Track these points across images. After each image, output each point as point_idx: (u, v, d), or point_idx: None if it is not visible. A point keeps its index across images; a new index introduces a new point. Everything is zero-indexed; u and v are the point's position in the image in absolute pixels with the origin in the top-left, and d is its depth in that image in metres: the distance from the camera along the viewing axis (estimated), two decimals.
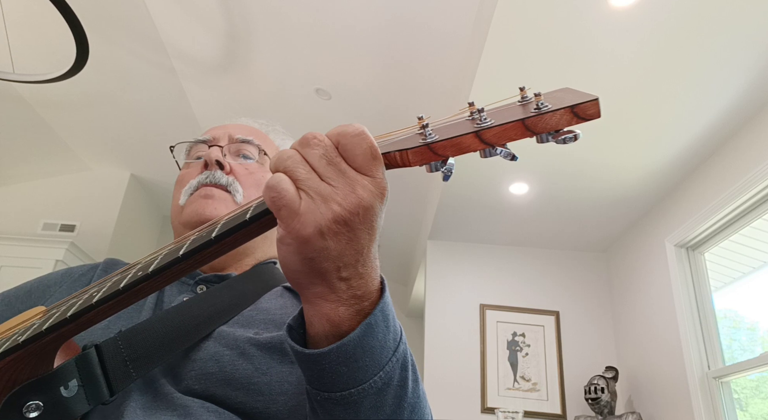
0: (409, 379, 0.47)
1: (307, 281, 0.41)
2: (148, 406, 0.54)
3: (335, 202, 0.38)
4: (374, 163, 0.40)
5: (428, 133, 0.40)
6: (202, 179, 0.74)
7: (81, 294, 0.51)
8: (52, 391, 0.48)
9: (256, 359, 0.58)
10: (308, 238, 0.39)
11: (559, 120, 0.38)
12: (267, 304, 0.67)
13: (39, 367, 0.50)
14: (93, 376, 0.51)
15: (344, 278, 0.41)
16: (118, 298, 0.47)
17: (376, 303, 0.43)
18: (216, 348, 0.59)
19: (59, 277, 0.75)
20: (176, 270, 0.45)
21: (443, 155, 0.40)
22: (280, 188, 0.39)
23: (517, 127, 0.39)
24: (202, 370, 0.57)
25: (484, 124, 0.39)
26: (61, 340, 0.50)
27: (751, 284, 2.84)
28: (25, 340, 0.48)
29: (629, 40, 2.23)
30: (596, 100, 0.38)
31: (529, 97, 0.41)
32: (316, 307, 0.42)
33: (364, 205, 0.39)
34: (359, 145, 0.39)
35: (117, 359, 0.53)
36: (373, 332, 0.43)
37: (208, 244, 0.44)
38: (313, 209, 0.38)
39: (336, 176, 0.39)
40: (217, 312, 0.62)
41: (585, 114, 0.38)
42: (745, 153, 2.62)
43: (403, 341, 0.47)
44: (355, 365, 0.42)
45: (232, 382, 0.56)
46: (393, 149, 0.41)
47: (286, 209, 0.39)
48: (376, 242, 0.42)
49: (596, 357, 3.69)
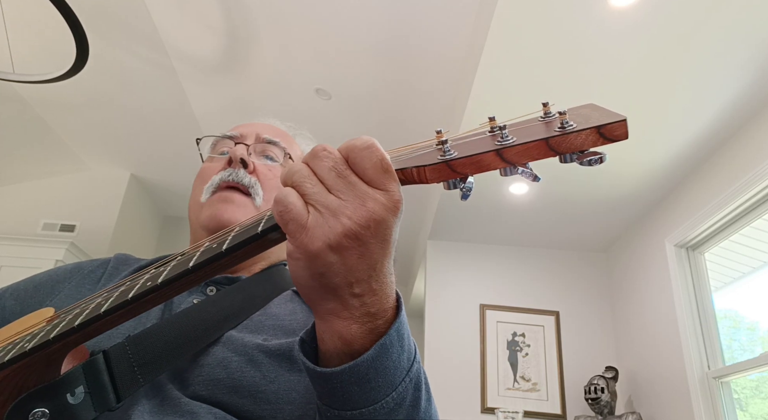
0: (422, 399, 0.47)
1: (319, 297, 0.41)
2: (155, 411, 0.54)
3: (345, 215, 0.38)
4: (385, 175, 0.39)
5: (447, 149, 0.39)
6: (225, 176, 0.73)
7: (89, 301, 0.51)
8: (59, 398, 0.48)
9: (264, 367, 0.57)
10: (317, 253, 0.38)
11: (585, 140, 0.37)
12: (276, 309, 0.66)
13: (46, 373, 0.49)
14: (100, 383, 0.51)
15: (357, 294, 0.40)
16: (126, 308, 0.46)
17: (391, 321, 0.42)
18: (224, 353, 0.58)
19: (68, 273, 0.74)
20: (185, 281, 0.45)
21: (462, 173, 0.39)
22: (287, 202, 0.38)
23: (540, 147, 0.37)
24: (210, 375, 0.56)
25: (505, 142, 0.38)
26: (68, 348, 0.49)
27: (751, 284, 2.84)
28: (32, 348, 0.48)
29: (628, 41, 2.23)
30: (624, 121, 0.36)
31: (552, 113, 0.39)
32: (328, 323, 0.42)
33: (376, 219, 0.38)
34: (369, 157, 0.38)
35: (125, 365, 0.53)
36: (387, 353, 0.42)
37: (218, 256, 0.43)
38: (321, 223, 0.38)
39: (346, 189, 0.38)
40: (226, 316, 0.61)
41: (612, 135, 0.36)
42: (744, 153, 2.62)
43: (417, 360, 0.47)
44: (368, 385, 0.42)
45: (240, 389, 0.55)
46: (410, 165, 0.40)
47: (293, 223, 0.38)
48: (391, 257, 0.41)
49: (596, 357, 3.69)
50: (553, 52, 2.33)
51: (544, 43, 2.29)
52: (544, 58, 2.36)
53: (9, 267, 3.55)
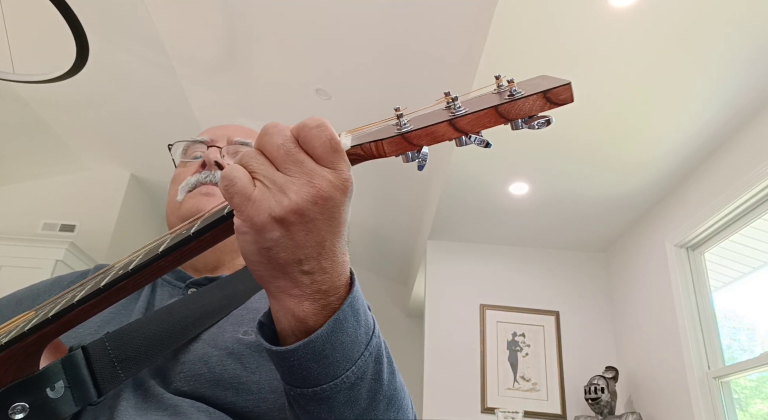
0: (384, 372, 0.47)
1: (268, 274, 0.41)
2: (139, 406, 0.54)
3: (291, 191, 0.38)
4: (335, 155, 0.39)
5: (403, 124, 0.40)
6: (201, 178, 0.74)
7: (65, 294, 0.51)
8: (38, 392, 0.48)
9: (244, 358, 0.58)
10: (262, 226, 0.38)
11: (532, 106, 0.38)
12: (257, 303, 0.67)
13: (24, 368, 0.49)
14: (80, 377, 0.51)
15: (306, 272, 0.40)
16: (99, 297, 0.46)
17: (344, 298, 0.43)
18: (204, 349, 0.59)
19: (49, 285, 0.75)
20: (157, 267, 0.45)
21: (418, 145, 0.40)
22: (232, 176, 0.39)
23: (490, 114, 0.39)
24: (191, 371, 0.57)
25: (457, 113, 0.39)
26: (45, 341, 0.49)
27: (751, 284, 2.84)
28: (8, 341, 0.48)
29: (628, 41, 2.23)
30: (568, 85, 0.37)
31: (504, 85, 0.40)
32: (280, 302, 0.42)
33: (323, 195, 0.38)
34: (318, 136, 0.39)
35: (104, 360, 0.53)
36: (342, 328, 0.42)
37: (187, 239, 0.44)
38: (267, 197, 0.38)
39: (294, 166, 0.39)
40: (206, 313, 0.62)
41: (558, 99, 0.38)
42: (745, 153, 2.62)
43: (376, 334, 0.47)
44: (326, 361, 0.42)
45: (221, 382, 0.56)
46: (368, 140, 0.41)
47: (238, 196, 0.38)
48: (343, 236, 0.42)
49: (596, 357, 3.69)
50: (552, 53, 2.33)
51: (543, 44, 2.29)
52: (543, 58, 2.36)
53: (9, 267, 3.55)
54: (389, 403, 0.48)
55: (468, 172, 3.21)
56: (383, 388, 0.47)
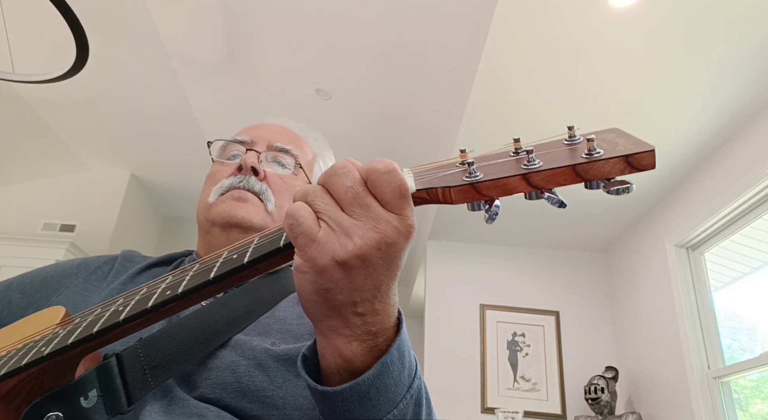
0: (422, 415, 0.47)
1: (321, 313, 0.41)
2: (164, 411, 0.54)
3: (357, 235, 0.38)
4: (402, 201, 0.39)
5: (472, 171, 0.39)
6: (235, 182, 0.73)
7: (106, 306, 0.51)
8: (72, 402, 0.48)
9: (272, 371, 0.57)
10: (324, 269, 0.38)
11: (612, 169, 0.37)
12: (284, 312, 0.67)
13: (61, 377, 0.49)
14: (113, 386, 0.51)
15: (359, 314, 0.40)
16: (145, 317, 0.46)
17: (391, 339, 0.43)
18: (232, 357, 0.58)
19: (75, 268, 0.74)
20: (205, 292, 0.45)
21: (487, 195, 0.39)
22: (297, 215, 0.39)
23: (568, 173, 0.37)
24: (218, 379, 0.56)
25: (532, 167, 0.37)
26: (84, 354, 0.50)
27: (751, 284, 2.84)
28: (49, 353, 0.48)
29: (628, 41, 2.23)
30: (652, 151, 0.36)
31: (578, 138, 0.39)
32: (329, 340, 0.42)
33: (387, 242, 0.38)
34: (389, 182, 0.39)
35: (136, 368, 0.53)
36: (388, 371, 0.42)
37: (240, 268, 0.43)
38: (332, 240, 0.38)
39: (360, 210, 0.38)
40: (234, 318, 0.61)
41: (640, 165, 0.36)
42: (745, 153, 2.62)
43: (418, 376, 0.47)
44: (369, 404, 0.42)
45: (248, 393, 0.56)
46: (436, 186, 0.40)
47: (303, 236, 0.38)
48: (397, 279, 0.42)
49: (596, 357, 3.69)
50: (552, 54, 2.33)
51: (543, 44, 2.29)
52: (543, 59, 2.36)
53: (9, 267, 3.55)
54: None
55: None
56: None
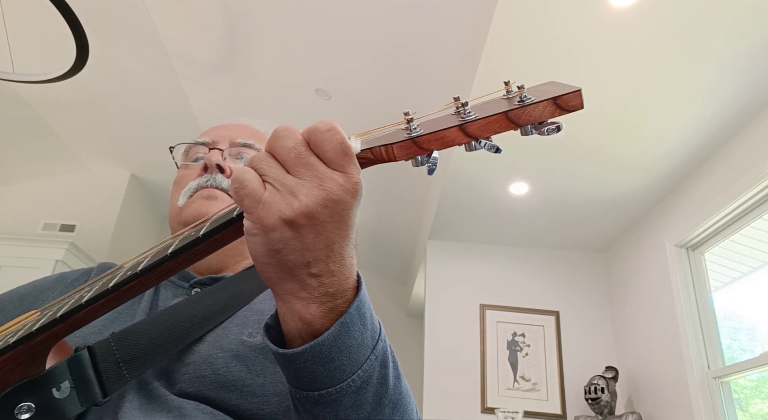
0: (389, 376, 0.47)
1: (277, 276, 0.41)
2: (144, 407, 0.54)
3: (302, 194, 0.38)
4: (345, 158, 0.40)
5: (413, 128, 0.40)
6: (203, 182, 0.74)
7: (72, 294, 0.51)
8: (44, 392, 0.48)
9: (249, 360, 0.58)
10: (272, 228, 0.39)
11: (542, 112, 0.39)
12: (261, 305, 0.67)
13: (31, 368, 0.49)
14: (85, 378, 0.51)
15: (315, 274, 0.41)
16: (108, 297, 0.46)
17: (351, 301, 0.43)
18: (209, 350, 0.58)
19: (52, 282, 0.74)
20: (165, 268, 0.45)
21: (428, 149, 0.40)
22: (242, 178, 0.39)
23: (501, 120, 0.39)
24: (196, 373, 0.57)
25: (467, 118, 0.40)
26: (52, 341, 0.49)
27: (751, 284, 2.84)
28: (16, 341, 0.48)
29: (628, 41, 2.23)
30: (579, 91, 0.38)
31: (514, 90, 0.41)
32: (287, 304, 0.42)
33: (333, 199, 0.39)
34: (329, 140, 0.39)
35: (110, 361, 0.53)
36: (348, 331, 0.42)
37: (196, 241, 0.44)
38: (277, 199, 0.39)
39: (305, 169, 0.39)
40: (211, 313, 0.62)
41: (568, 105, 0.38)
42: (745, 153, 2.62)
43: (382, 338, 0.47)
44: (332, 365, 0.42)
45: (226, 384, 0.56)
46: (378, 144, 0.41)
47: (249, 198, 0.39)
48: (351, 239, 0.42)
49: (596, 357, 3.69)
50: (552, 53, 2.33)
51: (543, 44, 2.29)
52: (543, 58, 2.36)
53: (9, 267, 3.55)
54: (394, 408, 0.48)
55: (468, 172, 3.21)
56: (389, 392, 0.47)
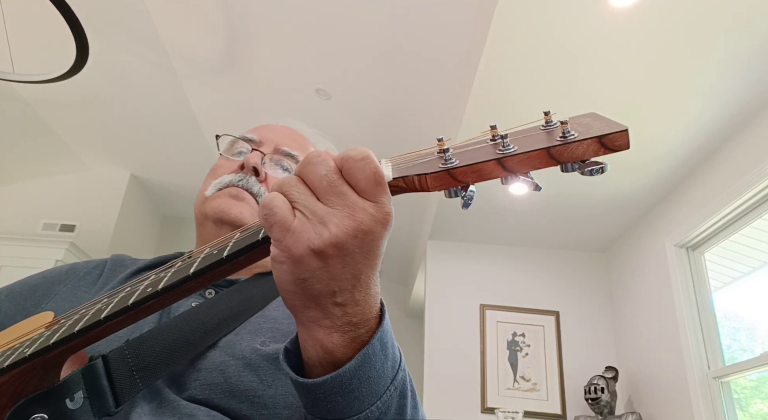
0: (407, 407, 0.47)
1: (301, 304, 0.40)
2: (154, 412, 0.54)
3: (332, 223, 0.37)
4: (378, 188, 0.38)
5: (448, 158, 0.39)
6: (235, 180, 0.73)
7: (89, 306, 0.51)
8: (58, 403, 0.48)
9: (261, 371, 0.57)
10: (300, 258, 0.38)
11: (586, 150, 0.37)
12: (275, 312, 0.66)
13: (45, 379, 0.49)
14: (99, 388, 0.50)
15: (339, 304, 0.40)
16: (126, 315, 0.46)
17: (374, 331, 0.42)
18: (221, 358, 0.58)
19: (64, 274, 0.73)
20: (187, 287, 0.45)
21: (463, 181, 0.39)
22: (272, 205, 0.38)
23: (542, 156, 0.38)
24: (207, 379, 0.56)
25: (507, 151, 0.38)
26: (68, 354, 0.49)
27: (751, 284, 2.84)
28: (32, 354, 0.48)
29: (628, 41, 2.23)
30: (626, 131, 0.36)
31: (554, 122, 0.39)
32: (309, 331, 0.42)
33: (363, 230, 0.38)
34: (363, 169, 0.38)
35: (124, 369, 0.52)
36: (370, 362, 0.42)
37: (219, 262, 0.43)
38: (307, 228, 0.37)
39: (336, 198, 0.38)
40: (224, 319, 0.61)
41: (613, 145, 0.36)
42: (745, 153, 2.62)
43: (402, 368, 0.47)
44: (352, 396, 0.42)
45: (237, 393, 0.55)
46: (412, 173, 0.40)
47: (277, 226, 0.38)
48: (377, 269, 0.41)
49: (596, 357, 3.69)
50: (552, 54, 2.33)
51: (543, 45, 2.29)
52: (543, 59, 2.36)
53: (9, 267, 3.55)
54: None
55: None
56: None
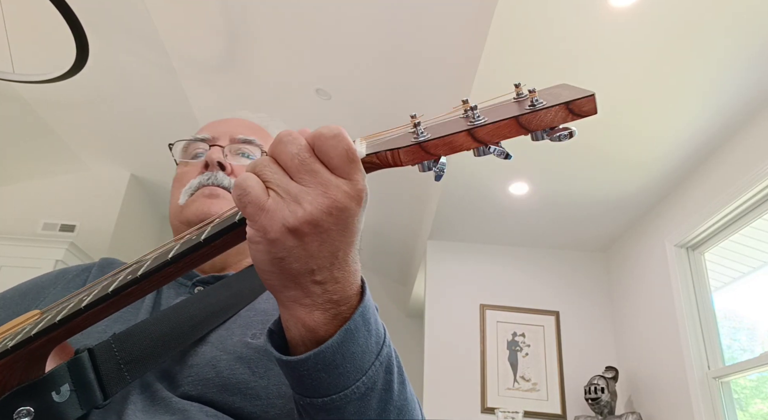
0: (394, 382, 0.47)
1: (280, 284, 0.41)
2: (147, 409, 0.53)
3: (306, 201, 0.37)
4: (351, 165, 0.38)
5: (420, 132, 0.39)
6: (204, 180, 0.72)
7: (72, 297, 0.51)
8: (44, 396, 0.47)
9: (253, 363, 0.57)
10: (276, 237, 0.38)
11: (554, 117, 0.37)
12: (264, 304, 0.66)
13: (30, 371, 0.49)
14: (86, 380, 0.50)
15: (318, 282, 0.40)
16: (107, 302, 0.46)
17: (355, 307, 0.42)
18: (213, 352, 0.58)
19: (53, 278, 0.74)
20: (166, 273, 0.45)
21: (435, 154, 0.39)
22: (245, 185, 0.38)
23: (511, 125, 0.38)
24: (199, 375, 0.56)
25: (477, 122, 0.38)
26: (51, 345, 0.49)
27: (751, 284, 2.84)
28: (14, 345, 0.48)
29: (628, 41, 2.23)
30: (592, 96, 0.36)
31: (524, 93, 0.39)
32: (290, 311, 0.42)
33: (338, 206, 0.38)
34: (335, 146, 0.38)
35: (110, 362, 0.52)
36: (353, 338, 0.42)
37: (197, 246, 0.43)
38: (281, 207, 0.38)
39: (309, 176, 0.38)
40: (213, 312, 0.61)
41: (581, 111, 0.37)
42: (745, 153, 2.62)
43: (387, 344, 0.47)
44: (336, 371, 0.42)
45: (229, 387, 0.55)
46: (384, 148, 0.40)
47: (251, 206, 0.38)
48: (355, 246, 0.41)
49: (596, 357, 3.69)
50: (552, 53, 2.33)
51: (543, 44, 2.29)
52: (543, 59, 2.36)
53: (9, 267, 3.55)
54: (400, 413, 0.48)
55: (468, 172, 3.21)
56: (393, 398, 0.47)
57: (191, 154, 0.79)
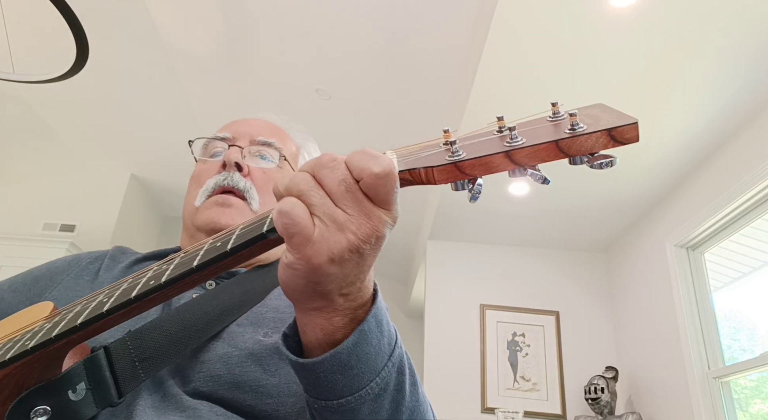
0: (406, 383, 0.47)
1: (307, 298, 0.41)
2: (157, 406, 0.53)
3: (350, 230, 0.37)
4: (394, 198, 0.39)
5: (455, 150, 0.38)
6: (220, 180, 0.72)
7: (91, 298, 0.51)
8: (60, 395, 0.48)
9: (264, 361, 0.57)
10: (319, 266, 0.38)
11: (595, 143, 0.36)
12: (276, 301, 0.66)
13: (47, 371, 0.49)
14: (101, 379, 0.50)
15: (344, 294, 0.41)
16: (129, 308, 0.46)
17: (368, 309, 0.43)
18: (224, 349, 0.58)
19: (66, 265, 0.74)
20: (189, 280, 0.45)
21: (471, 174, 0.38)
22: (294, 215, 0.37)
23: (551, 149, 0.37)
24: (210, 371, 0.56)
25: (515, 143, 0.37)
26: (70, 346, 0.49)
27: (751, 284, 2.84)
28: (34, 346, 0.48)
29: (628, 40, 2.23)
30: (635, 124, 0.35)
31: (562, 114, 0.38)
32: (311, 317, 0.42)
33: (378, 235, 0.39)
34: (384, 186, 0.38)
35: (126, 360, 0.52)
36: (366, 338, 0.42)
37: (223, 256, 0.43)
38: (327, 237, 0.37)
39: (352, 204, 0.38)
40: (226, 309, 0.61)
41: (623, 138, 0.36)
42: (745, 152, 2.62)
43: (399, 345, 0.47)
44: (351, 373, 0.42)
45: (241, 384, 0.55)
46: (419, 166, 0.39)
47: (299, 237, 0.37)
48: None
49: (596, 357, 3.69)
50: (552, 53, 2.33)
51: (543, 44, 2.29)
52: (543, 58, 2.36)
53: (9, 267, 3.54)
54: (411, 414, 0.48)
55: None
56: (405, 399, 0.47)
57: (210, 153, 0.80)
